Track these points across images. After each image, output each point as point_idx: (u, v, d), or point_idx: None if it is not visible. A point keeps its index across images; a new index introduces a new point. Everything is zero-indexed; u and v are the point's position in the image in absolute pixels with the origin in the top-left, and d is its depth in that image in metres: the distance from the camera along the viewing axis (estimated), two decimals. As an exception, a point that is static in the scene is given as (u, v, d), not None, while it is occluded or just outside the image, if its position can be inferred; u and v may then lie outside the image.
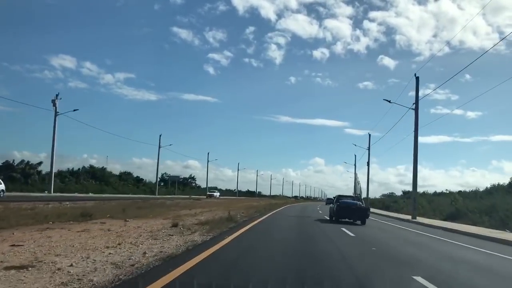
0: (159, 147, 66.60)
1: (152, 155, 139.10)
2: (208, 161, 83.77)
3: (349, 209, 20.41)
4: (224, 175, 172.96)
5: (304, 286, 5.28)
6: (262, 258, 7.85)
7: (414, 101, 29.49)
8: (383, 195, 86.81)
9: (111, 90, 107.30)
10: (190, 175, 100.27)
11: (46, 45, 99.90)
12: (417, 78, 29.37)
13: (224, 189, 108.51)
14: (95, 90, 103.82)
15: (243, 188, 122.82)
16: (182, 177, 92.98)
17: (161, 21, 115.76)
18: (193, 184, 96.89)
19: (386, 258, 8.95)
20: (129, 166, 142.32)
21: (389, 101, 32.68)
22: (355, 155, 67.13)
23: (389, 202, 59.38)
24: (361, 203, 21.43)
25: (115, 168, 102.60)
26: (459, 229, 19.73)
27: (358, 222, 20.42)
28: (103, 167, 65.66)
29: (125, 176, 71.74)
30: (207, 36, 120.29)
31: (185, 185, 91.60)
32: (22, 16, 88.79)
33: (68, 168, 59.19)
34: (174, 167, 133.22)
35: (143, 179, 76.36)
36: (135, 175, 75.89)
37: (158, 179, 76.60)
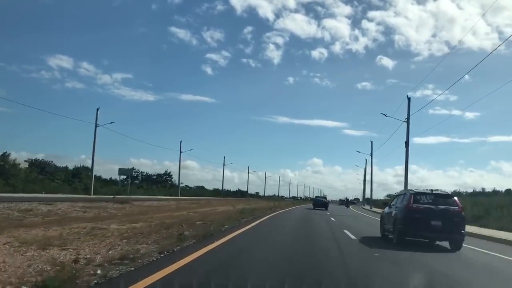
0: (180, 152, 66.11)
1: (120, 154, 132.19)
2: (180, 153, 71.42)
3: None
4: (221, 175, 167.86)
5: None
6: None
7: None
8: (388, 195, 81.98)
9: (108, 90, 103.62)
10: (166, 171, 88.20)
11: (43, 45, 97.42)
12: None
13: (211, 188, 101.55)
14: (92, 90, 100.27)
15: (242, 189, 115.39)
16: (156, 173, 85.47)
17: (159, 21, 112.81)
18: (169, 182, 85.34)
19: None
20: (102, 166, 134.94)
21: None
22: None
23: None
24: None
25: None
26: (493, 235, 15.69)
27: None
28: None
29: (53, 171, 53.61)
30: (205, 36, 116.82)
31: (159, 183, 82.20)
32: (18, 16, 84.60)
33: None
34: (172, 167, 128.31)
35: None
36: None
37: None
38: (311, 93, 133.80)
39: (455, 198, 11.74)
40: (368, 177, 67.95)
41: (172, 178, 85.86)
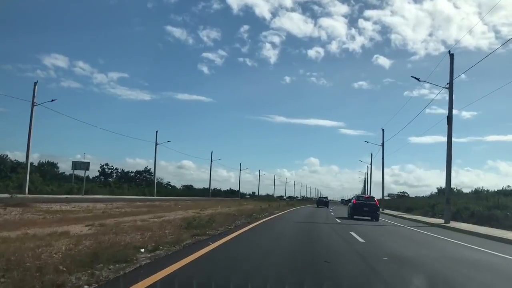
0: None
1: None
2: (155, 150, 67.33)
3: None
4: (218, 175, 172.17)
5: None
6: None
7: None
8: (389, 195, 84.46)
9: (104, 90, 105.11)
10: (145, 168, 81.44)
11: (38, 44, 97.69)
12: (383, 130, 37.87)
13: (201, 187, 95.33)
14: (88, 89, 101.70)
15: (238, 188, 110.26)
16: (134, 170, 79.76)
17: (155, 20, 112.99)
18: (147, 180, 78.18)
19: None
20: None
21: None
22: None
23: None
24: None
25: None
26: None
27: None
28: None
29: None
30: (201, 35, 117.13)
31: (136, 180, 76.50)
32: (13, 15, 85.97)
33: None
34: (168, 167, 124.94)
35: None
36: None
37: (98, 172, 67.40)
38: (308, 92, 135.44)
39: (375, 198, 27.08)
40: (374, 179, 67.25)
41: (151, 175, 79.32)
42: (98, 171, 76.61)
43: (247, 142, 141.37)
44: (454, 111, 23.69)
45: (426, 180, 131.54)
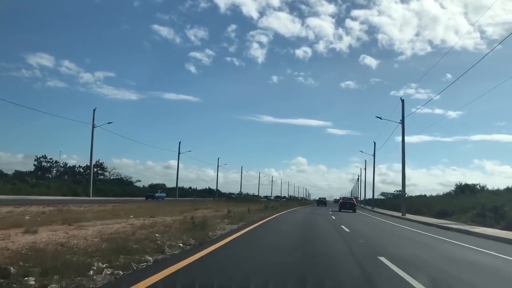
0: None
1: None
2: (93, 127, 66.86)
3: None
4: (206, 175, 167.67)
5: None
6: None
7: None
8: (382, 193, 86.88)
9: (90, 89, 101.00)
10: (97, 161, 70.38)
11: (23, 43, 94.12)
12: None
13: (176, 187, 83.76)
14: (74, 89, 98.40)
15: (224, 189, 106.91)
16: (81, 166, 69.99)
17: (141, 18, 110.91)
18: (101, 177, 70.97)
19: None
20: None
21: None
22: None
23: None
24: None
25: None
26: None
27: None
28: None
29: None
30: (189, 34, 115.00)
31: (87, 177, 67.66)
32: None
33: None
34: (155, 168, 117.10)
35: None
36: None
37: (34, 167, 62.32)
38: (295, 92, 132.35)
39: (353, 197, 60.13)
40: (366, 179, 73.80)
41: (105, 171, 74.61)
42: (34, 165, 68.44)
43: (235, 142, 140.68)
44: (440, 111, 33.61)
45: (413, 179, 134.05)
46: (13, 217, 13.63)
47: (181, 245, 8.36)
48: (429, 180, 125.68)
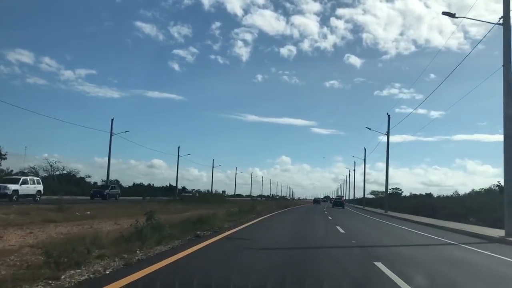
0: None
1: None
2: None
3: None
4: (190, 174, 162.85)
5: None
6: None
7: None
8: (372, 192, 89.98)
9: (72, 87, 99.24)
10: (45, 158, 65.38)
11: (1, 39, 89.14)
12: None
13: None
14: (55, 86, 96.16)
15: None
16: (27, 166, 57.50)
17: (124, 14, 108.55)
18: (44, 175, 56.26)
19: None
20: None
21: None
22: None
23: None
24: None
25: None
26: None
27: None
28: None
29: None
30: (172, 31, 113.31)
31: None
32: None
33: None
34: (138, 167, 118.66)
35: None
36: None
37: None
38: (280, 91, 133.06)
39: (343, 196, 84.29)
40: (328, 174, 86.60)
41: (55, 168, 63.49)
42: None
43: (219, 141, 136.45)
44: (423, 111, 39.06)
45: (395, 178, 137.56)
46: None
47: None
48: (412, 179, 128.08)
